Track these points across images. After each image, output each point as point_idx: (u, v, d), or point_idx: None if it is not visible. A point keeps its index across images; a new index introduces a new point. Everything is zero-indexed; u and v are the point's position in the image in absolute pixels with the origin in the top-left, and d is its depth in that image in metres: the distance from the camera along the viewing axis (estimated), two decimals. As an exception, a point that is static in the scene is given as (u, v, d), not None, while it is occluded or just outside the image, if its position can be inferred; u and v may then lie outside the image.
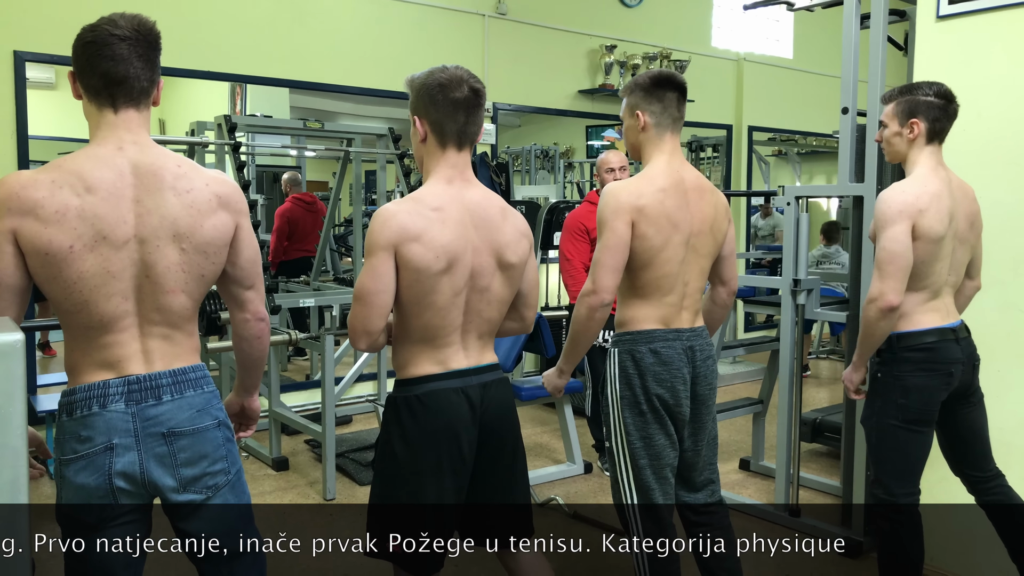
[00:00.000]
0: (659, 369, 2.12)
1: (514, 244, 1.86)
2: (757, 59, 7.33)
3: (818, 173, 8.87)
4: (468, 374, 1.85)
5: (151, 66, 1.56)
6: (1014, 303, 2.68)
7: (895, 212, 2.15)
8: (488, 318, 1.87)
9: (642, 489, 2.16)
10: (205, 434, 1.59)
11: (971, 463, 2.40)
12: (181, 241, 1.52)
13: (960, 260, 2.31)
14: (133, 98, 1.54)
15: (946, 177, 2.25)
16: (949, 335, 2.27)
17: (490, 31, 5.82)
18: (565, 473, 3.98)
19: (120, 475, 1.54)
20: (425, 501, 1.84)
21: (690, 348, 2.16)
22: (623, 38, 6.50)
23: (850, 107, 3.02)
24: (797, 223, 3.22)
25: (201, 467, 1.59)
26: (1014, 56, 2.69)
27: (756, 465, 4.05)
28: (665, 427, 2.15)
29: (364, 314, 1.76)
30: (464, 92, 1.78)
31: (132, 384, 1.53)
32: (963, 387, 2.32)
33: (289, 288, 5.24)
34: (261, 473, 4.02)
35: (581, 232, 3.90)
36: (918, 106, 2.24)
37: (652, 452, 2.14)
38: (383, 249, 1.72)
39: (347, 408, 5.12)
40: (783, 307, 3.29)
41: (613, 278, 2.07)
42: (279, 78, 5.00)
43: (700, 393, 2.19)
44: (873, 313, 2.17)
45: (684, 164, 2.17)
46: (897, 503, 2.28)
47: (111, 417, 1.52)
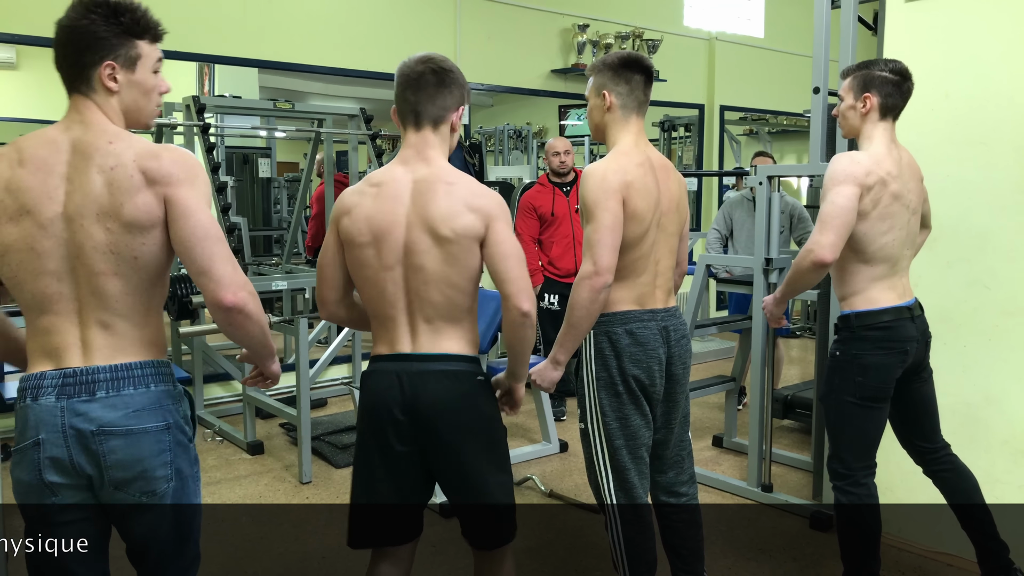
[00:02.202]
0: (635, 350, 2.13)
1: (450, 217, 1.73)
2: (729, 38, 7.34)
3: (789, 152, 8.94)
4: (408, 359, 1.80)
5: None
6: (979, 279, 2.73)
7: (846, 175, 2.18)
8: (431, 300, 1.77)
9: (617, 469, 2.18)
10: (142, 437, 1.48)
11: (921, 435, 2.47)
12: (106, 220, 1.44)
13: (914, 233, 2.36)
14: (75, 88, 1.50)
15: (897, 155, 2.29)
16: (905, 313, 2.31)
17: (462, 10, 5.77)
18: (541, 452, 4.01)
19: (50, 468, 1.46)
20: (363, 475, 1.89)
21: (664, 328, 2.17)
22: (596, 17, 6.48)
23: (821, 87, 3.05)
24: (768, 203, 3.25)
25: (134, 471, 1.48)
26: (982, 37, 2.72)
27: (729, 442, 4.10)
28: (640, 407, 2.17)
29: (318, 284, 1.92)
30: (415, 71, 1.79)
31: (68, 377, 1.46)
32: (916, 363, 2.38)
33: (261, 271, 5.19)
34: (236, 457, 4.00)
35: (529, 210, 4.58)
36: (872, 81, 2.27)
37: (628, 433, 2.16)
38: (332, 223, 1.85)
39: (322, 391, 5.11)
40: (755, 286, 3.32)
41: (612, 257, 2.02)
42: (248, 58, 4.93)
43: (674, 373, 2.21)
44: (807, 265, 2.18)
45: (649, 145, 2.19)
46: (854, 477, 2.35)
47: (40, 410, 1.46)
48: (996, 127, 2.68)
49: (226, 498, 3.46)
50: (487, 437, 1.85)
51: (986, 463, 2.75)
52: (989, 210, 2.70)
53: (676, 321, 2.22)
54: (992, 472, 2.74)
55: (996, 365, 2.71)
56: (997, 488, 2.73)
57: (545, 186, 4.61)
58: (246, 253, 6.47)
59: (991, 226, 2.70)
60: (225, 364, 4.59)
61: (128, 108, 1.54)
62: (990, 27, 2.71)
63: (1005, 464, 2.72)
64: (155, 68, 1.55)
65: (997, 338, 2.71)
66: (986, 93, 2.70)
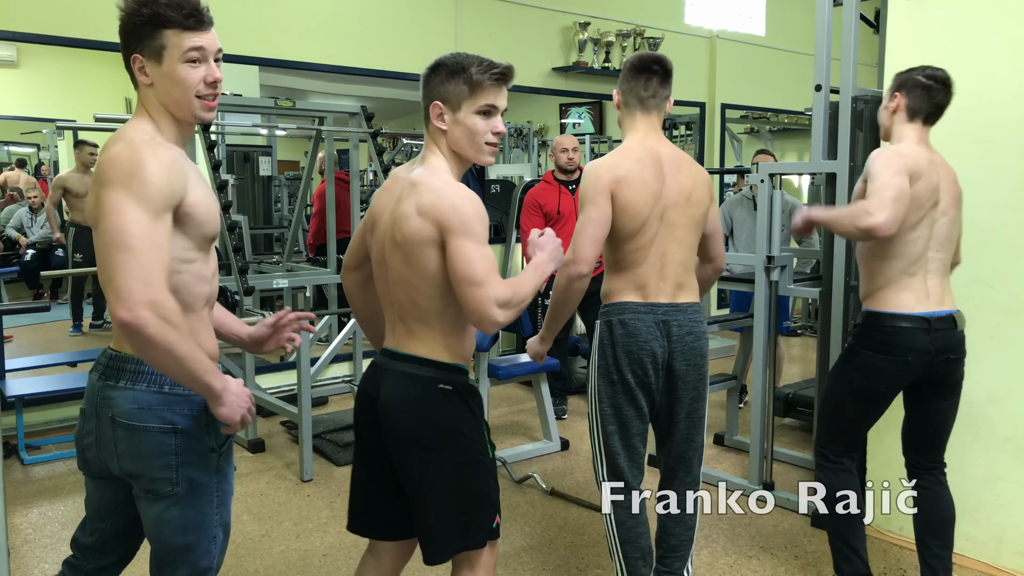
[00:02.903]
0: (627, 340, 2.16)
1: (402, 219, 1.67)
2: (730, 36, 7.33)
3: (790, 151, 8.93)
4: (384, 355, 1.82)
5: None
6: (981, 277, 2.73)
7: (897, 162, 2.17)
8: (399, 300, 1.75)
9: (609, 453, 2.23)
10: (143, 435, 1.48)
11: (923, 451, 2.44)
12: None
13: (944, 235, 2.30)
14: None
15: (929, 156, 2.28)
16: (920, 323, 2.24)
17: (463, 8, 5.76)
18: (542, 450, 4.01)
19: (79, 441, 1.58)
20: (354, 460, 1.92)
21: (664, 323, 2.17)
22: (597, 15, 6.47)
23: (823, 84, 3.04)
24: (771, 200, 3.24)
25: (138, 467, 1.50)
26: (984, 35, 2.71)
27: (730, 440, 4.10)
28: (634, 398, 2.19)
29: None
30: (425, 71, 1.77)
31: (111, 358, 1.53)
32: (938, 380, 2.32)
33: (262, 269, 5.19)
34: (237, 456, 4.00)
35: (535, 207, 4.57)
36: (904, 82, 2.31)
37: (620, 421, 2.20)
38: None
39: (323, 389, 5.10)
40: (757, 284, 3.32)
41: (593, 249, 2.11)
42: (249, 56, 4.92)
43: (676, 368, 2.19)
44: (860, 226, 2.09)
45: (661, 141, 2.21)
46: (829, 458, 2.43)
47: (88, 385, 1.56)
48: (999, 125, 2.68)
49: (227, 496, 3.46)
50: (433, 450, 1.72)
51: (988, 461, 2.75)
52: (991, 208, 2.69)
53: (683, 317, 2.20)
54: (994, 470, 2.74)
55: (998, 363, 2.71)
56: (999, 486, 2.73)
57: (551, 184, 4.62)
58: (247, 251, 6.47)
59: (993, 224, 2.70)
60: (226, 362, 4.58)
61: (165, 101, 1.50)
62: (992, 25, 2.70)
63: (1007, 462, 2.72)
64: (189, 58, 1.47)
65: (999, 336, 2.70)
66: (989, 91, 2.70)
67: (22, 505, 3.40)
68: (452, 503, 1.74)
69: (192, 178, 1.49)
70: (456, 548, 1.78)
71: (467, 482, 1.76)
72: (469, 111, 1.70)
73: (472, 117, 1.70)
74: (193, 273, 1.51)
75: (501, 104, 1.74)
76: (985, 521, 2.77)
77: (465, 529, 1.77)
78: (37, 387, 3.98)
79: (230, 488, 1.63)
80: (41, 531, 3.13)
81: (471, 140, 1.72)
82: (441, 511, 1.74)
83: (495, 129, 1.73)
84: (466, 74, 1.69)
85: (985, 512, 2.76)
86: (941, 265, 2.31)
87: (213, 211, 1.54)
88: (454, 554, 1.79)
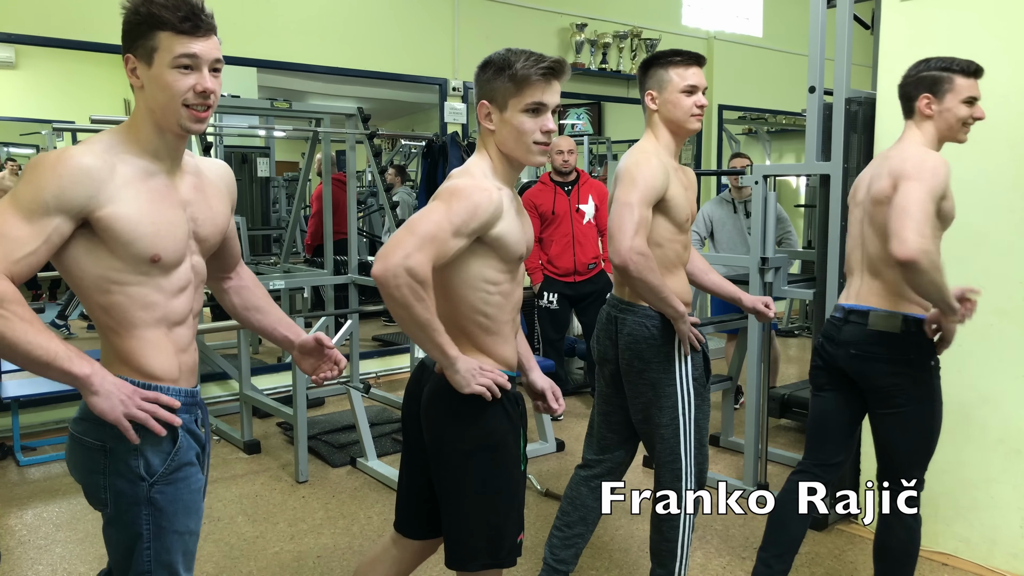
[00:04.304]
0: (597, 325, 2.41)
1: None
2: (727, 37, 7.34)
3: (788, 151, 8.93)
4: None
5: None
6: (973, 279, 2.72)
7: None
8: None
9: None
10: (79, 447, 1.44)
11: (879, 471, 2.33)
12: None
13: (859, 234, 2.27)
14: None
15: (883, 153, 2.28)
16: (837, 311, 2.31)
17: (460, 9, 5.76)
18: (538, 452, 4.01)
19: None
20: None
21: (612, 317, 2.30)
22: (594, 16, 6.48)
23: (817, 86, 3.04)
24: (765, 202, 3.25)
25: (78, 477, 1.47)
26: (977, 35, 2.72)
27: (725, 441, 4.10)
28: (601, 377, 2.41)
29: None
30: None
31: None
32: (856, 377, 2.25)
33: (259, 270, 5.19)
34: (233, 456, 4.00)
35: (530, 208, 4.56)
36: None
37: (596, 393, 2.50)
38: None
39: (319, 390, 5.10)
40: (751, 285, 3.32)
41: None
42: (246, 57, 4.93)
43: (621, 366, 2.30)
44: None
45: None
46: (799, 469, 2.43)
47: None
48: (992, 126, 2.67)
49: (222, 497, 3.46)
50: (469, 455, 1.68)
51: (981, 462, 2.75)
52: (984, 209, 2.70)
53: (627, 315, 2.25)
54: (987, 471, 2.74)
55: (991, 364, 2.71)
56: (992, 487, 2.73)
57: (547, 184, 4.63)
58: (245, 252, 6.47)
59: (986, 225, 2.70)
60: (222, 363, 4.59)
61: (151, 107, 1.40)
62: (986, 26, 2.71)
63: (1000, 463, 2.72)
64: (179, 63, 1.36)
65: (992, 337, 2.71)
66: (982, 91, 2.70)
67: (17, 506, 3.40)
68: (483, 514, 1.69)
69: (128, 194, 1.35)
70: (485, 563, 1.72)
71: (499, 494, 1.70)
72: (516, 109, 1.61)
73: (519, 116, 1.61)
74: (129, 295, 1.39)
75: (551, 101, 1.62)
76: (978, 522, 2.77)
77: (497, 545, 1.71)
78: (33, 388, 3.99)
79: (178, 525, 1.45)
80: (35, 532, 3.13)
81: (518, 140, 1.62)
82: (472, 522, 1.69)
83: (544, 128, 1.62)
84: (511, 70, 1.59)
85: (978, 513, 2.77)
86: (859, 262, 2.33)
87: (151, 232, 1.37)
88: (481, 568, 1.72)
